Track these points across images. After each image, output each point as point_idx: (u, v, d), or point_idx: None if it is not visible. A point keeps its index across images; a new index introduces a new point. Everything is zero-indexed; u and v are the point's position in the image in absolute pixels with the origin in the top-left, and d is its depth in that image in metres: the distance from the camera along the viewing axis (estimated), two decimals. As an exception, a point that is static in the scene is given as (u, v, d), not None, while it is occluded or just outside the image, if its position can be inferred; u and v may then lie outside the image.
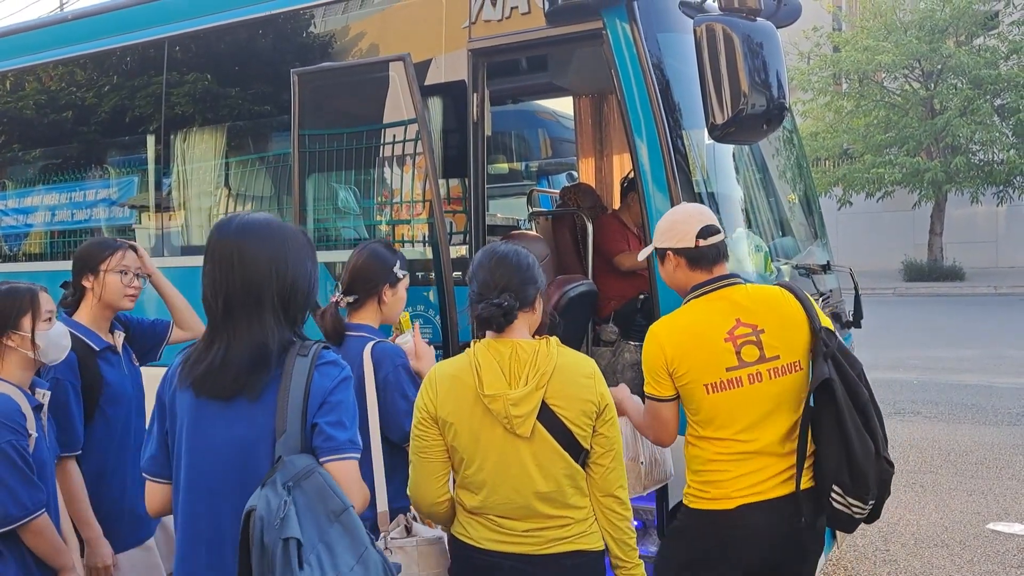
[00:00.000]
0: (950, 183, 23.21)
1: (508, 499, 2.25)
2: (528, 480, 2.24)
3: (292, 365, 1.93)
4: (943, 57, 22.82)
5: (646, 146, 3.28)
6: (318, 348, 1.97)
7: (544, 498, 2.25)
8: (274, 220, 2.05)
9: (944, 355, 11.73)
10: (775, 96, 2.95)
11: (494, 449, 2.25)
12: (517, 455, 2.24)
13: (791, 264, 3.96)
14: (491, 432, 2.24)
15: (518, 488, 2.25)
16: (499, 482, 2.25)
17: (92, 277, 3.00)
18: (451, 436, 2.28)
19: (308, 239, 2.09)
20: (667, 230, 2.67)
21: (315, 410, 1.89)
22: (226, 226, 2.00)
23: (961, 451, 7.05)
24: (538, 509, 2.25)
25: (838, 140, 24.98)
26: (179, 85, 4.55)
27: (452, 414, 2.26)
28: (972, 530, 5.29)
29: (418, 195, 3.78)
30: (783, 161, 4.59)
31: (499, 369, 2.24)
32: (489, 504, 2.27)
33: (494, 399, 2.21)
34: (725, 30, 2.91)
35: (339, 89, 4.10)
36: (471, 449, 2.26)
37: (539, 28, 3.50)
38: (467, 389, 2.25)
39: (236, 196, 4.49)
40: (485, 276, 2.32)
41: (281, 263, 1.95)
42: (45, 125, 5.11)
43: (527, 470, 2.24)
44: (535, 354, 2.26)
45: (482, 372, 2.24)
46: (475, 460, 2.26)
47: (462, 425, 2.26)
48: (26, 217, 5.18)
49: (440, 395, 2.28)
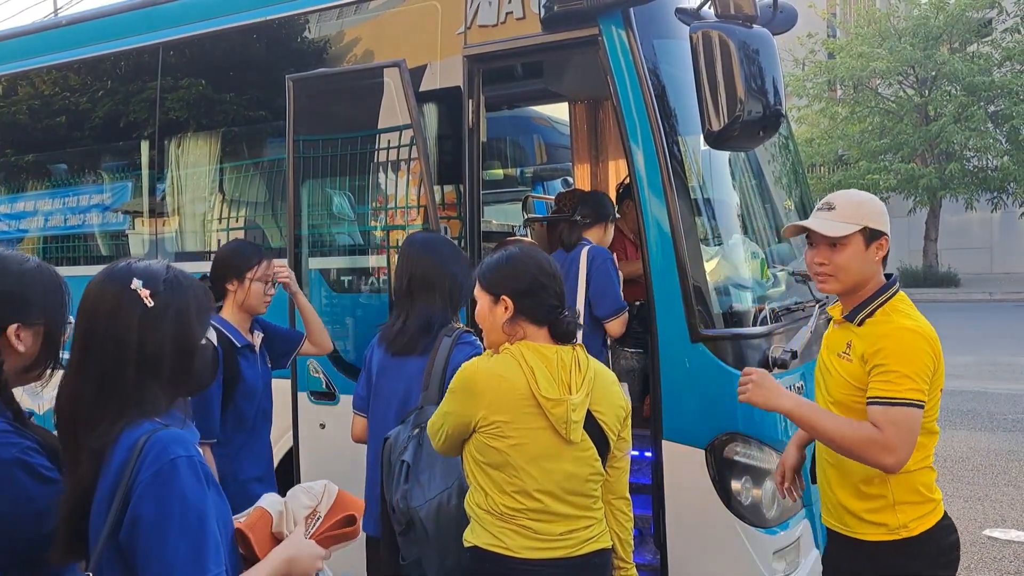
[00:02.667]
0: (944, 189, 23.28)
1: (546, 503, 2.26)
2: (567, 483, 2.27)
3: (441, 340, 2.82)
4: (937, 64, 22.91)
5: (642, 153, 3.27)
6: (460, 331, 2.87)
7: (577, 501, 2.30)
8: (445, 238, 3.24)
9: (939, 361, 11.71)
10: (771, 103, 2.94)
11: (539, 453, 2.25)
12: (559, 459, 2.26)
13: (787, 271, 3.95)
14: (537, 435, 2.25)
15: (557, 492, 2.26)
16: (540, 486, 2.26)
17: (237, 282, 3.18)
18: (491, 436, 2.26)
19: (466, 256, 3.21)
20: (881, 212, 2.42)
21: (450, 375, 2.47)
22: (414, 237, 3.14)
23: (957, 457, 7.05)
24: (571, 512, 2.29)
25: (833, 146, 25.05)
26: (173, 91, 4.53)
27: (502, 414, 2.24)
28: (968, 537, 5.28)
29: (413, 201, 3.77)
30: (779, 167, 4.59)
31: (548, 374, 2.26)
32: (527, 508, 2.26)
33: (558, 403, 2.22)
34: (721, 37, 2.90)
35: (334, 95, 4.08)
36: (515, 452, 2.25)
37: (535, 34, 3.49)
38: (517, 391, 2.24)
39: (231, 202, 4.47)
40: (559, 287, 2.39)
41: (451, 265, 2.95)
42: (39, 130, 5.09)
43: (567, 473, 2.27)
44: (576, 360, 2.32)
45: (537, 376, 2.24)
46: (519, 463, 2.25)
47: (510, 427, 2.24)
48: (18, 222, 5.15)
49: (487, 396, 2.26)
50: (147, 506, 1.48)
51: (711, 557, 3.24)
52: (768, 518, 3.25)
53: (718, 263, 3.40)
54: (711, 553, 3.24)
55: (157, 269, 1.67)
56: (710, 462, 3.18)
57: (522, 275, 2.36)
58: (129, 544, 1.49)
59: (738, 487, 3.19)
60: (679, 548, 3.25)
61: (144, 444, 1.52)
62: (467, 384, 2.30)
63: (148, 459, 1.51)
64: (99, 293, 1.62)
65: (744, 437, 3.20)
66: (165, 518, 1.48)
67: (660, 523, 3.27)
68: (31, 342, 1.74)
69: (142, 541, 1.48)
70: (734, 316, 3.34)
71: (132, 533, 1.49)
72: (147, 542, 1.48)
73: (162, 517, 1.48)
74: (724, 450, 3.18)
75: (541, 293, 2.34)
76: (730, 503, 3.18)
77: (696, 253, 3.25)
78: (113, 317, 1.60)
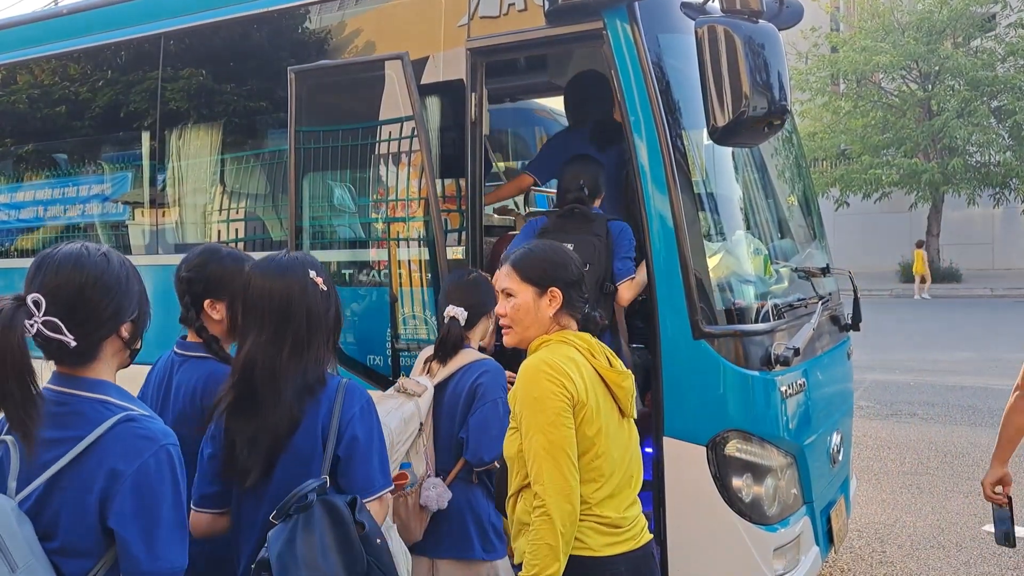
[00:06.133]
0: (947, 185, 23.27)
1: (621, 487, 2.27)
2: (634, 465, 2.33)
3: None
4: (940, 59, 22.87)
5: (646, 147, 3.25)
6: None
7: (633, 482, 2.32)
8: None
9: (940, 357, 11.74)
10: (777, 98, 2.92)
11: (613, 433, 2.27)
12: (624, 437, 2.32)
13: (790, 267, 3.93)
14: (612, 415, 2.28)
15: (627, 473, 2.29)
16: (616, 468, 2.26)
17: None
18: (587, 421, 2.21)
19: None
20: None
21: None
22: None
23: (957, 453, 7.05)
24: (631, 494, 2.31)
25: (835, 141, 25.02)
26: (174, 81, 4.51)
27: (589, 396, 2.22)
28: (968, 532, 5.28)
29: (414, 194, 3.75)
30: (782, 162, 4.57)
31: (598, 351, 2.31)
32: (605, 492, 2.23)
33: (626, 376, 2.29)
34: (727, 31, 2.88)
35: (336, 87, 4.06)
36: (600, 434, 2.23)
37: (539, 28, 3.46)
38: (587, 370, 2.25)
39: (231, 193, 4.45)
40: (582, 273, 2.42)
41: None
42: (38, 120, 5.07)
43: (630, 453, 2.32)
44: (603, 345, 2.37)
45: (596, 355, 2.28)
46: (602, 445, 2.23)
47: (596, 408, 2.23)
48: (18, 212, 5.13)
49: (576, 378, 2.21)
50: (361, 429, 2.13)
51: (711, 554, 3.24)
52: (769, 515, 3.25)
53: (721, 259, 3.38)
54: (711, 550, 3.24)
55: (318, 262, 2.28)
56: (711, 459, 3.17)
57: (569, 266, 2.38)
58: (346, 455, 2.10)
59: (739, 484, 3.19)
60: (679, 544, 3.24)
61: (344, 387, 2.16)
62: (551, 374, 2.18)
63: (353, 397, 2.15)
64: (286, 283, 2.16)
65: (745, 434, 3.19)
66: (370, 438, 2.15)
67: (661, 519, 3.27)
68: (223, 315, 2.54)
69: (357, 453, 2.11)
70: (736, 313, 3.33)
71: (350, 447, 2.11)
72: (361, 454, 2.12)
73: (369, 438, 2.14)
74: (725, 447, 3.17)
75: (582, 284, 2.39)
76: (731, 500, 3.18)
77: (699, 249, 3.23)
78: (303, 299, 2.16)
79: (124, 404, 1.74)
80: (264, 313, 2.15)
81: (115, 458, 1.65)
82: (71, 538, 1.65)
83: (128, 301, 1.78)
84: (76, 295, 1.70)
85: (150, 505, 1.65)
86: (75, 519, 1.65)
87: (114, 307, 1.74)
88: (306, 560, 1.93)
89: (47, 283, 1.69)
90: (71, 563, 1.65)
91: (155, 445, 1.68)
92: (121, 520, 1.63)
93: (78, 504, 1.65)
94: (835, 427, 3.93)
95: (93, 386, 1.73)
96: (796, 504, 3.41)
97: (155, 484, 1.66)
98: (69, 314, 1.67)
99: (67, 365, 1.74)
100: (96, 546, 1.66)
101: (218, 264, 2.57)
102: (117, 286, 1.76)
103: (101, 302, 1.72)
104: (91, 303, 1.71)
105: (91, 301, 1.71)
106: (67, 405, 1.70)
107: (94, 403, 1.71)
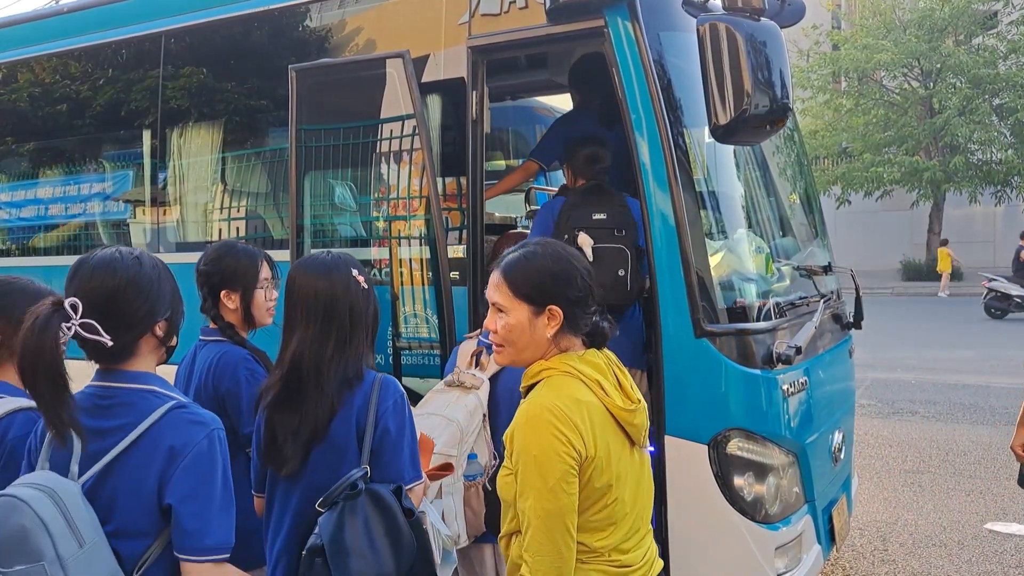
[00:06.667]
0: (948, 183, 23.24)
1: (635, 526, 2.01)
2: (646, 497, 2.07)
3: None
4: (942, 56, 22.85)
5: (647, 145, 3.25)
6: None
7: (645, 515, 2.06)
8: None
9: (941, 355, 11.73)
10: (779, 97, 2.91)
11: (626, 472, 1.98)
12: (636, 473, 2.03)
13: (792, 265, 3.93)
14: (624, 453, 1.98)
15: (642, 510, 2.04)
16: (630, 509, 1.99)
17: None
18: (596, 474, 1.91)
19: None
20: None
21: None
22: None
23: (959, 451, 7.04)
24: (644, 531, 2.05)
25: (837, 139, 25.01)
26: (175, 79, 4.51)
27: (600, 446, 1.91)
28: (970, 530, 5.28)
29: (415, 192, 3.75)
30: (784, 160, 4.57)
31: (608, 383, 1.98)
32: (617, 538, 1.96)
33: (637, 413, 1.97)
34: (729, 29, 2.87)
35: (337, 85, 4.06)
36: (615, 479, 1.94)
37: (540, 26, 3.46)
38: (597, 411, 1.93)
39: (232, 192, 4.45)
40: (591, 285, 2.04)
41: None
42: (39, 118, 5.07)
43: (642, 487, 2.05)
44: (611, 360, 2.07)
45: (605, 387, 1.96)
46: (616, 491, 1.94)
47: (609, 454, 1.93)
48: (19, 211, 5.13)
49: (586, 431, 1.89)
50: (394, 422, 2.25)
51: (713, 553, 3.23)
52: (770, 514, 3.25)
53: (722, 257, 3.38)
54: (713, 549, 3.23)
55: (358, 261, 2.40)
56: (713, 458, 3.16)
57: (573, 277, 2.00)
58: (378, 447, 2.23)
59: (740, 483, 3.18)
60: (681, 544, 3.24)
61: (380, 381, 2.28)
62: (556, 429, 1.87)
63: (388, 391, 2.27)
64: (331, 282, 2.29)
65: (747, 433, 3.18)
66: (402, 432, 2.26)
67: (662, 518, 3.26)
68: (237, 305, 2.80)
69: (388, 446, 2.23)
70: (738, 311, 3.32)
71: (382, 439, 2.23)
72: (391, 446, 2.24)
73: (400, 431, 2.26)
74: (727, 446, 3.17)
75: (589, 299, 2.02)
76: (732, 499, 3.17)
77: (700, 247, 3.23)
78: (346, 297, 2.29)
79: (171, 393, 1.87)
80: (310, 310, 2.27)
81: (171, 441, 1.77)
82: (127, 520, 1.78)
83: (161, 301, 1.88)
84: (110, 298, 1.80)
85: (204, 485, 1.78)
86: (132, 501, 1.77)
87: (148, 307, 1.84)
88: (355, 547, 2.07)
89: (83, 287, 1.80)
90: (127, 544, 1.77)
91: (207, 429, 1.81)
92: (178, 499, 1.76)
93: (136, 486, 1.77)
94: (837, 425, 3.92)
95: (137, 378, 1.85)
96: (798, 503, 3.41)
97: (207, 465, 1.79)
98: (105, 316, 1.77)
99: (106, 363, 1.85)
100: (152, 526, 1.79)
101: (233, 258, 2.83)
102: (150, 287, 1.85)
103: (135, 303, 1.82)
104: (125, 305, 1.81)
105: (125, 303, 1.81)
106: (114, 398, 1.82)
107: (143, 393, 1.83)
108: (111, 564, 1.73)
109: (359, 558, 2.06)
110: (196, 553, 1.76)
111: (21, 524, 1.66)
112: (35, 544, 1.65)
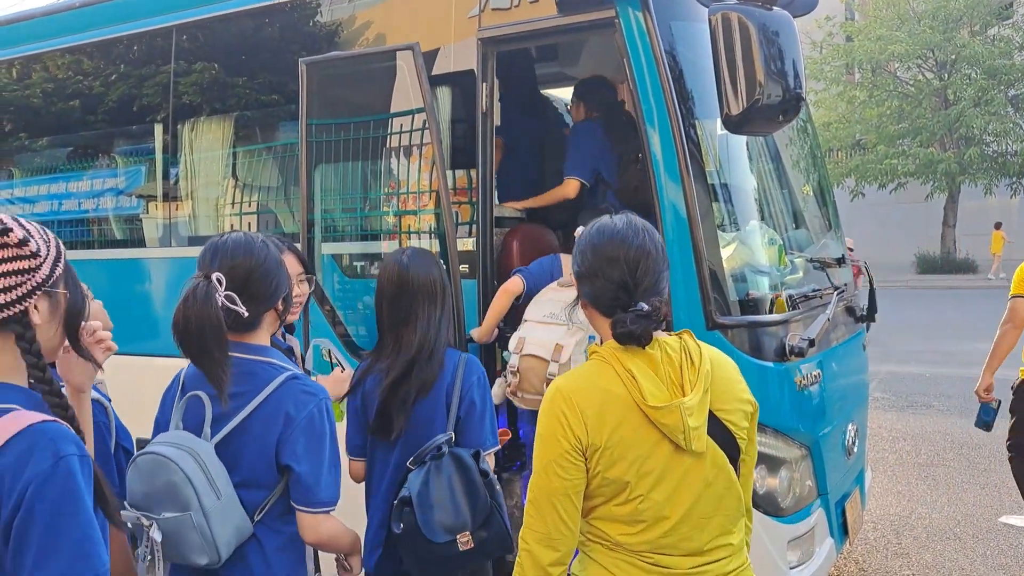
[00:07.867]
0: (963, 175, 23.07)
1: (679, 532, 1.86)
2: (699, 505, 1.87)
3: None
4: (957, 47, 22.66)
5: (659, 136, 3.23)
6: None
7: (709, 526, 1.88)
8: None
9: (956, 348, 11.65)
10: (791, 87, 2.89)
11: (661, 472, 1.84)
12: (686, 476, 1.85)
13: (805, 257, 3.90)
14: (657, 451, 1.83)
15: (689, 517, 1.86)
16: (669, 512, 1.84)
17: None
18: (606, 465, 1.83)
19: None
20: None
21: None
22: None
23: (973, 444, 7.00)
24: (704, 541, 1.88)
25: (851, 131, 24.86)
26: (186, 74, 4.52)
27: (611, 437, 1.82)
28: (985, 523, 5.24)
29: (425, 186, 3.74)
30: (797, 152, 4.53)
31: (653, 374, 1.85)
32: (651, 537, 1.85)
33: (668, 411, 1.79)
34: (741, 19, 2.85)
35: (347, 79, 4.05)
36: (635, 475, 1.83)
37: (550, 17, 3.44)
38: (624, 403, 1.83)
39: (244, 186, 4.45)
40: (622, 275, 1.86)
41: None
42: (51, 114, 5.09)
43: (697, 493, 1.86)
44: (684, 351, 1.89)
45: (639, 380, 1.82)
46: (639, 488, 1.83)
47: (626, 448, 1.82)
48: (32, 206, 5.16)
49: (591, 417, 1.82)
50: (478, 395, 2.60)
51: (725, 546, 3.22)
52: (783, 507, 3.23)
53: (735, 249, 3.36)
54: (725, 542, 3.22)
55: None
56: (725, 450, 3.14)
57: (585, 252, 1.93)
58: (465, 416, 2.56)
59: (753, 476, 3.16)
60: (693, 536, 3.22)
61: (465, 360, 2.64)
62: (561, 411, 1.84)
63: (472, 368, 2.63)
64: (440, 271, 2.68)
65: (760, 426, 3.15)
66: (484, 404, 2.60)
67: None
68: None
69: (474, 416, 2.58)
70: (751, 304, 3.30)
71: (469, 410, 2.57)
72: (477, 417, 2.58)
73: (484, 404, 2.60)
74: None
75: (600, 277, 1.89)
76: (745, 492, 3.15)
77: (713, 239, 3.21)
78: (443, 288, 2.68)
79: (286, 365, 2.14)
80: (430, 297, 2.62)
81: (287, 408, 2.04)
82: (251, 474, 2.06)
83: (283, 281, 2.18)
84: (247, 276, 2.08)
85: (316, 446, 2.06)
86: (256, 457, 2.05)
87: (275, 285, 2.15)
88: (438, 499, 2.39)
89: (224, 265, 2.07)
90: (250, 494, 2.06)
91: (317, 398, 2.09)
92: (295, 457, 2.04)
93: (259, 445, 2.05)
94: (850, 418, 3.90)
95: (259, 351, 2.14)
96: (811, 496, 3.39)
97: (318, 429, 2.07)
98: (242, 290, 2.05)
99: (237, 332, 2.10)
100: (270, 480, 2.07)
101: None
102: (276, 269, 2.16)
103: (265, 280, 2.12)
104: (259, 282, 2.11)
105: (258, 281, 2.10)
106: (240, 367, 2.06)
107: (263, 364, 2.11)
108: (241, 512, 2.02)
109: (441, 509, 2.38)
110: (311, 505, 2.05)
111: (170, 479, 1.94)
112: (183, 496, 1.94)
